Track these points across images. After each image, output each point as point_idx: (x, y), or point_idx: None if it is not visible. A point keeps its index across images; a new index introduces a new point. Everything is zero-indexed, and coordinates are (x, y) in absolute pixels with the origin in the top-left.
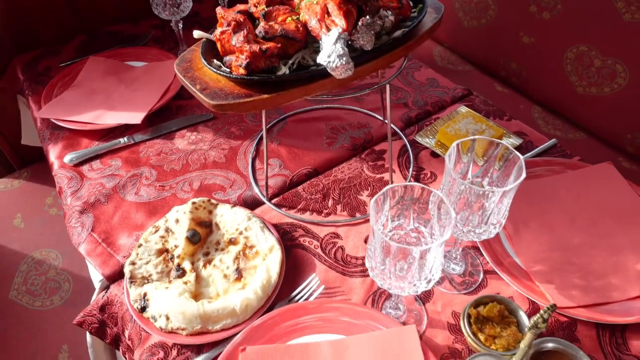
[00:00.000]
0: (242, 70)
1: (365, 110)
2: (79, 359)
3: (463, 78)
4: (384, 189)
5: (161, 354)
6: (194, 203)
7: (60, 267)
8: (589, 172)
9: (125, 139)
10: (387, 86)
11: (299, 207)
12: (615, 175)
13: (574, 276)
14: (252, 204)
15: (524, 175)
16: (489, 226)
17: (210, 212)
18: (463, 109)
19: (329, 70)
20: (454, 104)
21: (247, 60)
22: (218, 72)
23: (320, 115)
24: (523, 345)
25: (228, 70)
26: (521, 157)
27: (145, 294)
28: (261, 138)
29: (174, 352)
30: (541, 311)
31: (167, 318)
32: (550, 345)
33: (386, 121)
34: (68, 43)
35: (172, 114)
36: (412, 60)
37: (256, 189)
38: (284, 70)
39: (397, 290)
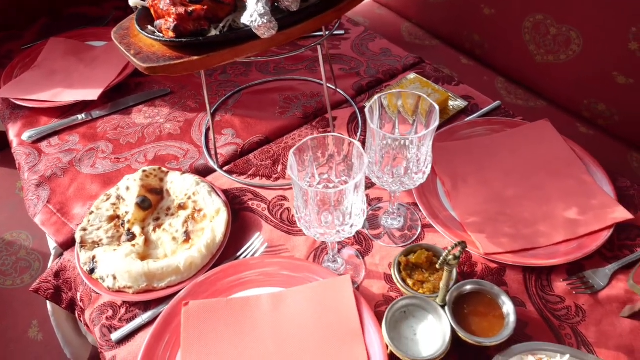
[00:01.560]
0: (171, 34)
1: (318, 80)
2: (48, 333)
3: (430, 53)
4: (303, 141)
5: (110, 312)
6: (144, 171)
7: (31, 247)
8: (526, 129)
9: (84, 115)
10: (319, 47)
11: (249, 173)
12: (550, 131)
13: (504, 225)
14: (203, 172)
15: (436, 123)
16: (413, 175)
17: (162, 179)
18: (412, 75)
19: (253, 30)
20: (405, 71)
21: (175, 22)
22: (151, 37)
23: (274, 86)
24: (442, 284)
25: (161, 35)
26: (436, 106)
27: (94, 257)
28: (217, 110)
29: (122, 311)
30: (449, 247)
31: (115, 278)
32: (468, 287)
33: (337, 90)
34: (31, 26)
35: (130, 90)
36: (368, 32)
37: (208, 158)
38: (214, 33)
39: (322, 237)
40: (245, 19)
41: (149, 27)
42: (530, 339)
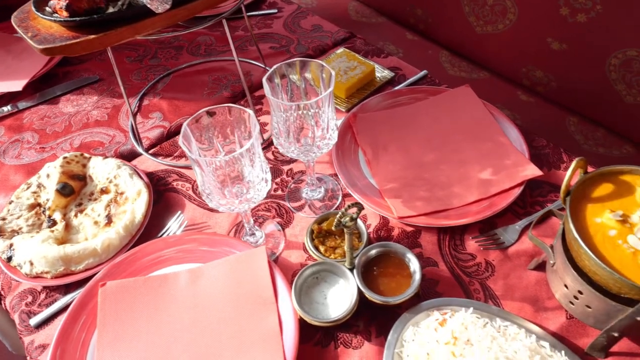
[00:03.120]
0: (65, 13)
1: (247, 60)
2: None
3: (377, 30)
4: (198, 112)
5: (30, 299)
6: (65, 157)
7: None
8: (447, 96)
9: (9, 107)
10: (224, 21)
11: (175, 154)
12: (470, 96)
13: (421, 189)
14: (129, 156)
15: (331, 87)
16: (319, 143)
17: (84, 165)
18: (340, 50)
19: (147, 5)
20: (336, 46)
21: (67, 1)
22: (48, 18)
23: (204, 68)
24: (346, 248)
25: (57, 15)
26: (332, 71)
27: (11, 245)
28: (145, 94)
29: (42, 296)
30: (342, 209)
31: (31, 264)
32: (376, 250)
33: (266, 68)
34: None
35: (59, 79)
36: (301, 10)
37: (134, 142)
38: (111, 10)
39: (224, 208)
40: None
41: (47, 8)
42: (440, 297)
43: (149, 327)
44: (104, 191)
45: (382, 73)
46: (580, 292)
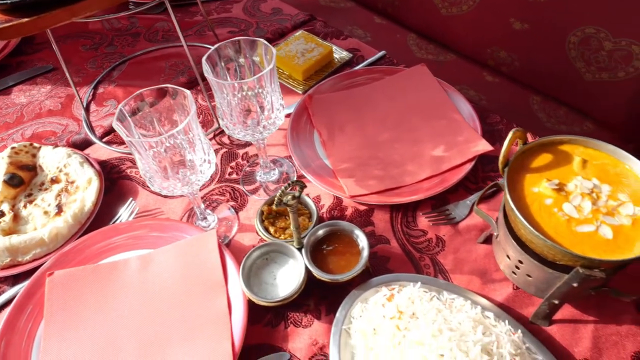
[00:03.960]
0: None
1: (203, 44)
2: None
3: (345, 14)
4: (134, 94)
5: None
6: (13, 148)
7: None
8: (403, 75)
9: None
10: (169, 5)
11: None
12: (426, 75)
13: (375, 168)
14: (82, 145)
15: (271, 65)
16: (264, 123)
17: (34, 155)
18: (298, 32)
19: None
20: (295, 29)
21: None
22: None
23: (161, 54)
24: (292, 227)
25: None
26: (273, 50)
27: None
28: (100, 82)
29: None
30: (283, 187)
31: None
32: (324, 229)
33: None
34: None
35: (12, 70)
36: None
37: (87, 130)
38: None
39: (167, 190)
40: None
41: None
42: (391, 273)
43: (97, 315)
44: (54, 181)
45: (340, 54)
46: (520, 262)
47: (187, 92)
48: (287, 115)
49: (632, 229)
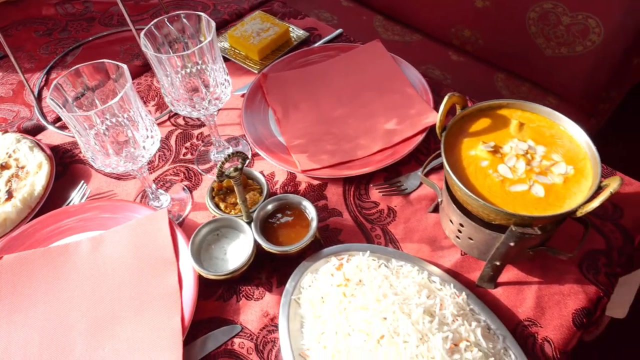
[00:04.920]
0: None
1: None
2: None
3: None
4: (60, 77)
5: None
6: None
7: None
8: (358, 52)
9: None
10: None
11: None
12: (380, 51)
13: (327, 143)
14: (33, 131)
15: (209, 38)
16: (209, 99)
17: None
18: (255, 12)
19: None
20: (253, 10)
21: None
22: None
23: (116, 38)
24: (238, 200)
25: None
26: (212, 23)
27: None
28: (53, 67)
29: None
30: (223, 159)
31: None
32: (274, 203)
33: None
34: None
35: None
36: None
37: (39, 116)
38: None
39: (110, 168)
40: None
41: None
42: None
43: (48, 296)
44: (4, 167)
45: (297, 33)
46: (462, 225)
47: (124, 65)
48: (242, 95)
49: (563, 187)
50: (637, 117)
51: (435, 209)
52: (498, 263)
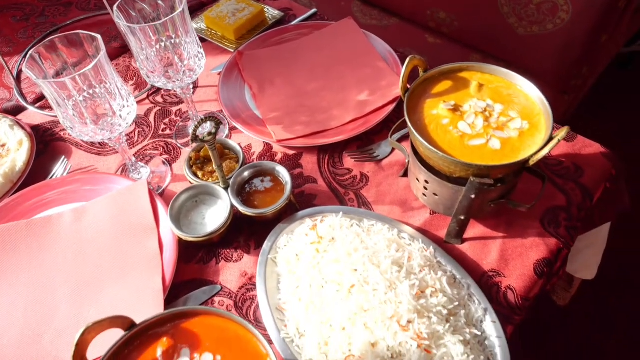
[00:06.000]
0: None
1: None
2: None
3: None
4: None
5: None
6: None
7: None
8: (331, 29)
9: None
10: None
11: None
12: (352, 28)
13: (302, 115)
14: (13, 111)
15: (179, 9)
16: (184, 70)
17: None
18: None
19: None
20: None
21: None
22: None
23: (93, 22)
24: (214, 166)
25: None
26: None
27: None
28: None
29: None
30: (196, 122)
31: None
32: (249, 170)
33: None
34: None
35: None
36: None
37: (19, 97)
38: None
39: (89, 137)
40: None
41: None
42: None
43: (32, 265)
44: None
45: (272, 13)
46: (427, 182)
47: (97, 35)
48: (219, 74)
49: (518, 140)
50: (618, 94)
51: (405, 174)
52: (462, 217)
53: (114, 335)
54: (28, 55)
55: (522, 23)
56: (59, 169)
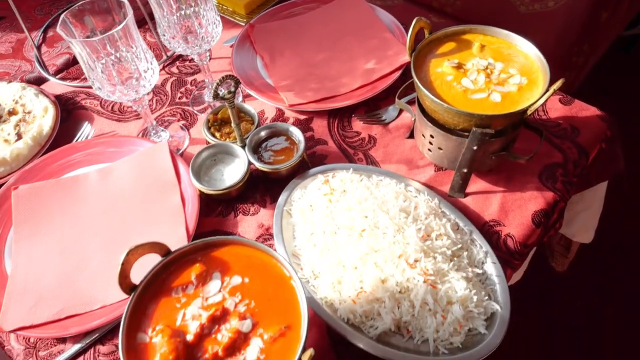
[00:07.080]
0: None
1: None
2: None
3: None
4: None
5: None
6: None
7: None
8: (338, 3)
9: None
10: None
11: (82, 77)
12: (359, 1)
13: (312, 83)
14: (35, 82)
15: None
16: (202, 36)
17: None
18: None
19: None
20: None
21: None
22: None
23: None
24: (233, 125)
25: None
26: None
27: None
28: (50, 26)
29: None
30: (217, 80)
31: None
32: (265, 131)
33: None
34: None
35: None
36: None
37: (40, 69)
38: None
39: (115, 97)
40: None
41: None
42: None
43: (63, 219)
44: (11, 113)
45: None
46: (432, 137)
47: (125, 1)
48: (231, 46)
49: (517, 94)
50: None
51: (411, 135)
52: (465, 170)
53: (153, 262)
54: (60, 20)
55: (524, 1)
56: (83, 133)
